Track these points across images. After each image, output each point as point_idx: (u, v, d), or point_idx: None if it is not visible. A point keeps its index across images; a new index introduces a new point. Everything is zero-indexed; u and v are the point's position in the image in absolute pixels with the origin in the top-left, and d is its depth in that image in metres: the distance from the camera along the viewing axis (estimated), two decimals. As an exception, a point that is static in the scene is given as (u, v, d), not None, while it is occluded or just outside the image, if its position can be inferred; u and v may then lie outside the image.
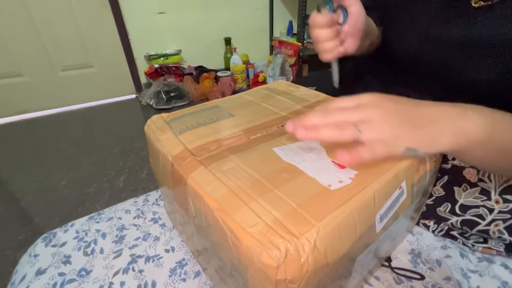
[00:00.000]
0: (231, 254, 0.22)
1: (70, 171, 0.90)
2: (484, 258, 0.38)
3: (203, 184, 0.25)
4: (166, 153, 0.31)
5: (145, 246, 0.43)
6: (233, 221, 0.21)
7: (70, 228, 0.48)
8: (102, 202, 0.72)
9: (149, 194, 0.58)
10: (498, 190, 0.35)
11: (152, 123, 0.37)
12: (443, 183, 0.40)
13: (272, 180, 0.24)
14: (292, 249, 0.18)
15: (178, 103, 1.40)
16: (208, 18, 1.65)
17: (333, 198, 0.22)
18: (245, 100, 0.43)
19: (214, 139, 0.32)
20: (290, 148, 0.29)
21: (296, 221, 0.20)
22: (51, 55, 1.38)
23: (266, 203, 0.22)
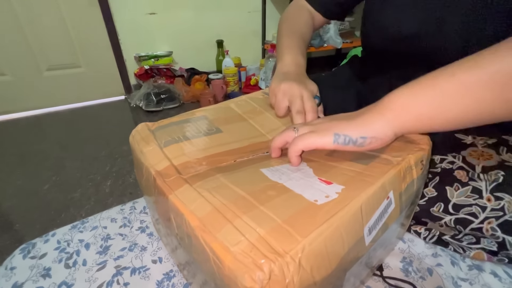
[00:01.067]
0: (213, 274, 0.21)
1: (54, 175, 0.86)
2: (474, 266, 0.38)
3: (187, 201, 0.24)
4: (149, 167, 0.30)
5: (131, 257, 0.42)
6: (215, 241, 0.20)
7: (51, 238, 0.46)
8: (87, 208, 0.69)
9: (137, 201, 0.56)
10: (489, 188, 0.36)
11: (137, 133, 0.36)
12: (435, 184, 0.40)
13: (258, 197, 0.24)
14: (276, 270, 0.17)
15: (169, 105, 1.38)
16: (200, 20, 1.64)
17: (320, 213, 0.21)
18: (233, 113, 0.43)
19: (201, 157, 0.31)
20: (277, 169, 0.29)
21: (281, 237, 0.19)
22: (36, 54, 1.33)
23: (251, 220, 0.21)
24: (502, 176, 0.35)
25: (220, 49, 1.72)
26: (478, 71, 0.24)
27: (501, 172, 0.36)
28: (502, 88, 0.23)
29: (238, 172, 0.28)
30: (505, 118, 0.26)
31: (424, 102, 0.27)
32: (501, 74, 0.23)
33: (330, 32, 1.79)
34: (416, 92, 0.27)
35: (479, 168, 0.37)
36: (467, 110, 0.25)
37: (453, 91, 0.25)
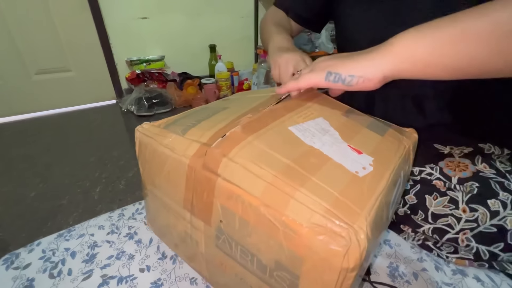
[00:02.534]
0: (279, 251, 0.22)
1: (41, 181, 0.85)
2: (458, 270, 0.39)
3: (236, 181, 0.24)
4: (178, 156, 0.29)
5: (118, 266, 0.41)
6: (285, 216, 0.21)
7: (36, 247, 0.45)
8: (75, 215, 0.68)
9: (125, 208, 0.56)
10: (465, 199, 0.37)
11: (146, 130, 0.34)
12: (415, 191, 0.41)
13: (304, 166, 0.24)
14: (353, 237, 0.19)
15: (161, 109, 1.37)
16: (192, 25, 1.64)
17: (365, 186, 0.24)
18: (227, 100, 0.44)
19: (224, 125, 0.30)
20: (306, 128, 0.30)
21: (344, 210, 0.21)
22: (24, 57, 1.31)
23: (310, 193, 0.22)
24: (476, 188, 0.36)
25: (212, 54, 1.73)
26: (482, 19, 0.24)
27: (476, 184, 0.37)
28: (501, 38, 0.23)
29: (267, 133, 0.28)
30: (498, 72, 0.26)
31: (423, 46, 0.27)
32: (502, 24, 0.23)
33: (322, 38, 1.82)
34: (418, 36, 0.27)
35: (455, 179, 0.38)
36: (463, 57, 0.25)
37: (453, 37, 0.25)
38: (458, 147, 0.44)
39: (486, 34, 0.24)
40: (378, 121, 0.37)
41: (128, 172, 0.88)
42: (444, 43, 0.25)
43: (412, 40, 0.27)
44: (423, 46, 0.26)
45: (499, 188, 0.36)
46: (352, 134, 0.31)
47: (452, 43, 0.25)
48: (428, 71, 0.27)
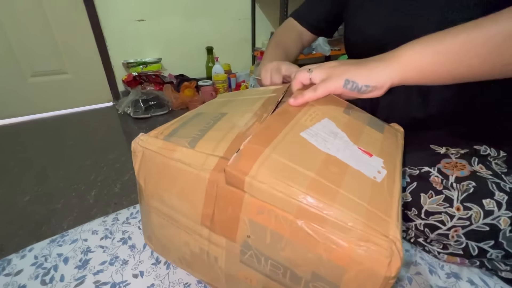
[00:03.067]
0: (318, 263, 0.23)
1: (36, 185, 0.84)
2: (452, 274, 0.39)
3: (266, 199, 0.24)
4: (196, 171, 0.28)
5: (112, 271, 0.41)
6: (326, 231, 0.22)
7: (28, 253, 0.44)
8: (69, 219, 0.67)
9: (120, 212, 0.55)
10: (460, 198, 0.37)
11: (147, 144, 0.32)
12: (411, 189, 0.41)
13: (328, 177, 0.24)
14: (394, 247, 0.20)
15: (157, 112, 1.36)
16: (189, 27, 1.64)
17: (384, 191, 0.25)
18: (219, 102, 0.43)
19: (235, 136, 0.29)
20: (316, 133, 0.30)
21: (377, 221, 0.21)
22: (19, 60, 1.30)
23: (343, 207, 0.22)
24: (472, 187, 0.37)
25: (210, 56, 1.73)
26: (477, 32, 0.28)
27: (473, 183, 0.37)
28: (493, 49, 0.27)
29: (282, 142, 0.27)
30: (491, 76, 0.30)
31: (427, 57, 0.30)
32: (493, 36, 0.27)
33: (319, 40, 1.83)
34: (423, 48, 0.31)
35: (452, 178, 0.39)
36: (463, 66, 0.29)
37: (454, 49, 0.29)
38: (454, 148, 0.44)
39: (480, 46, 0.28)
40: (372, 119, 0.38)
41: (123, 175, 0.87)
42: (446, 54, 0.29)
43: (418, 52, 0.31)
44: (428, 57, 0.30)
45: (495, 188, 0.36)
46: (358, 134, 0.32)
47: (453, 54, 0.29)
48: (431, 78, 0.31)
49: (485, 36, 0.27)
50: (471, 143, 0.44)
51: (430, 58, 0.30)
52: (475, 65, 0.29)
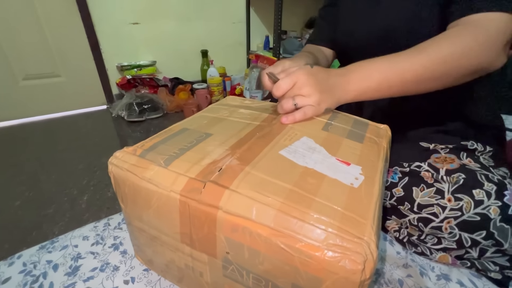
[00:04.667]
0: (296, 275, 0.23)
1: (27, 189, 0.83)
2: (442, 275, 0.40)
3: (242, 212, 0.24)
4: (166, 191, 0.28)
5: (102, 278, 0.40)
6: (299, 242, 0.21)
7: (17, 260, 0.44)
8: (61, 225, 0.66)
9: (112, 218, 0.55)
10: (451, 189, 0.38)
11: (120, 162, 0.32)
12: (403, 184, 0.42)
13: (305, 188, 0.25)
14: (367, 251, 0.20)
15: (152, 115, 1.36)
16: (184, 30, 1.64)
17: (362, 195, 0.25)
18: (210, 118, 0.43)
19: (211, 160, 0.29)
20: (294, 150, 0.31)
21: (352, 224, 0.22)
22: (11, 63, 1.28)
23: (318, 213, 0.22)
24: (462, 179, 0.37)
25: (204, 59, 1.73)
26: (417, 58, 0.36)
27: (462, 175, 0.38)
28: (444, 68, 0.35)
29: (261, 161, 0.28)
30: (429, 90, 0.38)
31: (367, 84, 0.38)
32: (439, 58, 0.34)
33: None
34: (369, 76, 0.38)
35: (443, 171, 0.39)
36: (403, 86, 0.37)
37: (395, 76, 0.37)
38: (443, 144, 0.45)
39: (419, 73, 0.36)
40: (355, 125, 0.39)
41: (117, 179, 0.87)
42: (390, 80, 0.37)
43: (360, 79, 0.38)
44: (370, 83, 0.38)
45: (484, 179, 0.37)
46: (336, 147, 0.32)
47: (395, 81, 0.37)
48: (370, 95, 0.39)
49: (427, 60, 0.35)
50: (458, 139, 0.45)
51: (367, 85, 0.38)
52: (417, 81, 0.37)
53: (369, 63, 0.38)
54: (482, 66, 0.35)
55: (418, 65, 0.35)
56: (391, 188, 0.43)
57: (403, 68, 0.36)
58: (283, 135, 0.34)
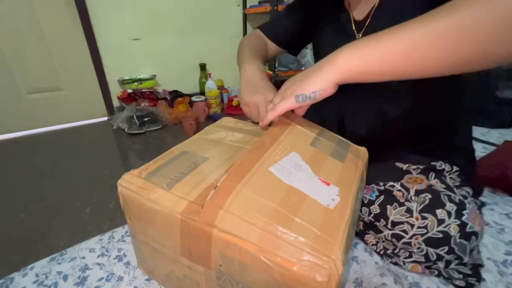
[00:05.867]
0: (276, 285, 0.27)
1: (32, 202, 0.87)
2: (414, 284, 0.44)
3: (233, 230, 0.28)
4: (169, 212, 0.32)
5: (109, 287, 0.44)
6: (279, 257, 0.26)
7: (30, 271, 0.47)
8: (65, 236, 0.70)
9: (115, 231, 0.59)
10: (419, 209, 0.43)
11: (128, 184, 0.36)
12: (379, 202, 0.47)
13: (287, 207, 0.29)
14: (333, 267, 0.25)
15: (152, 127, 1.41)
16: (183, 45, 1.71)
17: (335, 216, 0.30)
18: (207, 140, 0.48)
19: (208, 185, 0.34)
20: (283, 166, 0.35)
21: (323, 243, 0.26)
22: (16, 77, 1.34)
23: (296, 233, 0.27)
24: (428, 199, 0.42)
25: (203, 72, 1.79)
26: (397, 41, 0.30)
27: (428, 195, 0.43)
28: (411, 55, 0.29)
29: (253, 178, 0.32)
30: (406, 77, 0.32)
31: (357, 60, 0.34)
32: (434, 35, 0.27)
33: (307, 56, 1.91)
34: (352, 52, 0.34)
35: (412, 191, 0.44)
36: (384, 67, 0.32)
37: (376, 54, 0.32)
38: (415, 165, 0.50)
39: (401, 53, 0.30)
40: (339, 143, 0.44)
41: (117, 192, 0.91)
42: (370, 58, 0.32)
43: (349, 56, 0.34)
44: (357, 60, 0.34)
45: (446, 200, 0.42)
46: (320, 165, 0.37)
47: (376, 58, 0.32)
48: (363, 77, 0.34)
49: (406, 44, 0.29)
50: (429, 160, 0.50)
51: (358, 60, 0.33)
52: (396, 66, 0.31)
53: (359, 42, 0.34)
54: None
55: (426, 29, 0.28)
56: (369, 205, 0.47)
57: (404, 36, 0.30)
58: (274, 149, 0.37)
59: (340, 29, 0.55)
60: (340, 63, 0.35)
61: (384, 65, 0.32)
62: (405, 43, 0.30)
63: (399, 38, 0.30)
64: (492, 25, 0.25)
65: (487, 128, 1.06)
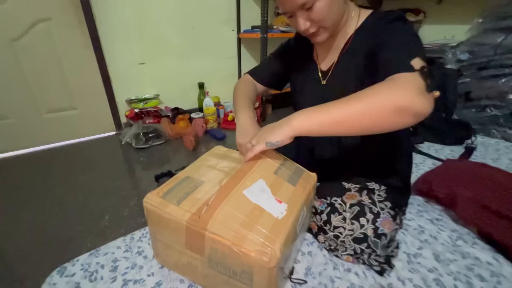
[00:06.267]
0: (242, 265, 0.46)
1: (59, 211, 1.05)
2: (346, 269, 0.63)
3: (218, 233, 0.47)
4: (178, 221, 0.50)
5: (133, 273, 0.63)
6: (243, 248, 0.45)
7: (77, 262, 0.66)
8: (91, 239, 0.88)
9: (134, 233, 0.79)
10: (350, 217, 0.61)
11: (151, 200, 0.54)
12: (327, 212, 0.66)
13: (252, 218, 0.48)
14: (274, 253, 0.43)
15: (155, 142, 1.59)
16: (183, 66, 1.91)
17: (282, 224, 0.48)
18: (204, 166, 0.66)
19: (204, 202, 0.52)
20: (252, 190, 0.53)
21: (269, 240, 0.45)
22: (37, 99, 1.52)
23: (255, 234, 0.46)
24: (357, 210, 0.61)
25: (201, 90, 1.98)
26: (352, 106, 0.45)
27: (358, 208, 0.61)
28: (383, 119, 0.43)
29: (232, 198, 0.50)
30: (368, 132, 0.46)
31: (307, 123, 0.49)
32: (370, 108, 0.43)
33: (296, 75, 2.11)
34: (305, 116, 0.49)
35: (347, 205, 0.63)
36: (329, 128, 0.47)
37: (323, 120, 0.47)
38: (355, 184, 0.68)
39: (333, 122, 0.46)
40: (295, 171, 0.62)
41: (130, 201, 1.09)
42: (314, 122, 0.48)
43: (302, 119, 0.50)
44: (306, 123, 0.49)
45: (368, 211, 0.60)
46: (278, 188, 0.55)
47: (318, 123, 0.48)
48: (310, 133, 0.49)
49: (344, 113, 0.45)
50: (365, 180, 0.69)
51: (309, 123, 0.48)
52: (340, 128, 0.47)
53: (310, 110, 0.49)
54: (401, 103, 0.41)
55: (352, 112, 0.44)
56: (320, 214, 0.66)
57: (334, 112, 0.46)
58: (248, 177, 0.56)
59: (310, 75, 0.73)
60: (294, 123, 0.50)
61: (323, 127, 0.48)
62: (336, 116, 0.46)
63: (333, 113, 0.47)
64: (382, 111, 0.43)
65: (441, 145, 1.25)
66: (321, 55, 0.71)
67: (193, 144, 1.53)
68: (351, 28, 0.62)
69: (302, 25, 0.57)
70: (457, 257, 0.63)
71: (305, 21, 0.56)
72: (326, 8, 0.54)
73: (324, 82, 0.70)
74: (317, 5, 0.53)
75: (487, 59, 1.34)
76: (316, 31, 0.58)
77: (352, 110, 0.45)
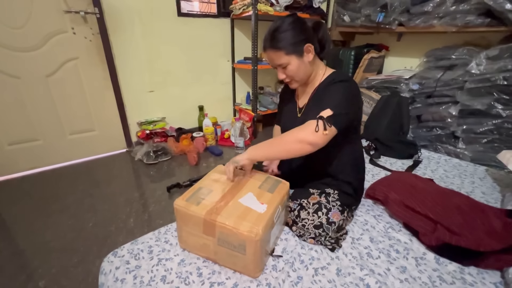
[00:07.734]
0: (238, 240, 0.75)
1: (93, 216, 1.31)
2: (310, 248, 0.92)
3: (224, 222, 0.76)
4: (198, 216, 0.79)
5: (164, 254, 0.90)
6: (240, 230, 0.73)
7: (123, 248, 0.93)
8: (122, 236, 1.14)
9: (160, 229, 1.06)
10: (311, 212, 0.90)
11: (179, 202, 0.84)
12: (297, 209, 0.94)
13: (244, 214, 0.77)
14: (258, 232, 0.72)
15: (163, 158, 1.87)
16: (186, 92, 2.21)
17: (263, 216, 0.77)
18: (211, 180, 0.95)
19: (214, 204, 0.81)
20: (245, 199, 0.83)
21: (256, 224, 0.74)
22: (63, 123, 1.80)
23: (247, 222, 0.74)
24: (317, 207, 0.91)
25: (201, 112, 2.29)
26: (280, 142, 0.78)
27: (317, 205, 0.91)
28: (291, 147, 0.75)
29: (233, 202, 0.80)
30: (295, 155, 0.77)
31: (255, 153, 0.79)
32: (286, 140, 0.76)
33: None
34: (256, 151, 0.79)
35: (311, 204, 0.93)
36: (274, 156, 0.83)
37: (267, 151, 0.80)
38: (317, 190, 0.98)
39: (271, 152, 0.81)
40: (273, 184, 0.92)
41: (148, 207, 1.36)
42: (260, 153, 0.79)
43: (253, 151, 0.79)
44: (253, 152, 0.79)
45: (323, 208, 0.90)
46: (261, 196, 0.85)
47: (262, 153, 0.80)
48: (259, 159, 0.82)
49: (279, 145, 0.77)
50: (324, 187, 0.99)
51: (257, 153, 0.79)
52: (280, 155, 0.80)
53: (258, 145, 0.80)
54: (300, 138, 0.72)
55: (277, 144, 0.76)
56: (294, 211, 0.95)
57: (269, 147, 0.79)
58: (242, 190, 0.86)
59: (291, 108, 1.05)
60: (249, 152, 0.79)
61: (267, 155, 0.80)
62: (271, 149, 0.78)
63: (269, 147, 0.79)
64: (291, 143, 0.75)
65: (395, 159, 1.57)
66: (300, 96, 1.03)
67: (196, 160, 1.82)
68: (317, 81, 0.94)
69: (280, 76, 0.91)
70: (385, 239, 0.93)
71: (282, 74, 0.90)
72: (295, 69, 0.86)
73: (299, 115, 1.01)
74: (288, 67, 0.86)
75: (431, 89, 1.69)
76: (290, 81, 0.91)
77: (280, 144, 0.78)
